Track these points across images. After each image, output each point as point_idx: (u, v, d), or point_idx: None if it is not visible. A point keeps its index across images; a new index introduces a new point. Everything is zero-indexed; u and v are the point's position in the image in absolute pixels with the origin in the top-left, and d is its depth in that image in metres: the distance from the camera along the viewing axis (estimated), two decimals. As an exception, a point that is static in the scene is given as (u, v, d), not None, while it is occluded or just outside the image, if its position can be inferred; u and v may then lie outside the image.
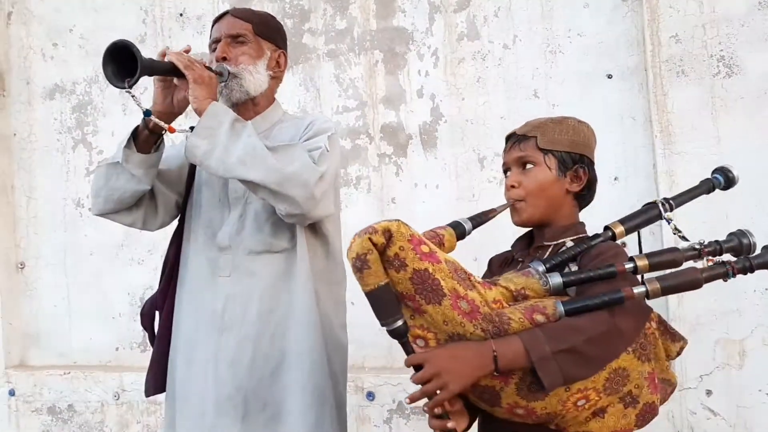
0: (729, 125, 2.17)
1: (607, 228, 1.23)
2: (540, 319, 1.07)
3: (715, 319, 2.16)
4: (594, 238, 1.22)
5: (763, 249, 1.13)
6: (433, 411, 1.10)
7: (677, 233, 1.20)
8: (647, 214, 1.25)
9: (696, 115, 2.20)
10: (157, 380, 1.62)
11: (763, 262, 1.11)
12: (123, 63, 1.32)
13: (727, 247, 1.15)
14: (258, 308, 1.49)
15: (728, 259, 1.12)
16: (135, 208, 1.58)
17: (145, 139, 1.48)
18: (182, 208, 1.65)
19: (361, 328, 1.26)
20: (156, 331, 1.65)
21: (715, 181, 1.30)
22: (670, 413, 2.20)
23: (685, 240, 1.17)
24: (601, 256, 1.16)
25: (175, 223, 1.68)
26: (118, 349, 3.05)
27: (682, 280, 1.08)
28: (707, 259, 1.13)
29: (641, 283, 1.09)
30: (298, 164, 1.38)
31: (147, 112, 1.41)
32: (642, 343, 1.12)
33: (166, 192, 1.62)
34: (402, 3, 2.66)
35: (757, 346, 2.13)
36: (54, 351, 3.15)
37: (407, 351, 1.09)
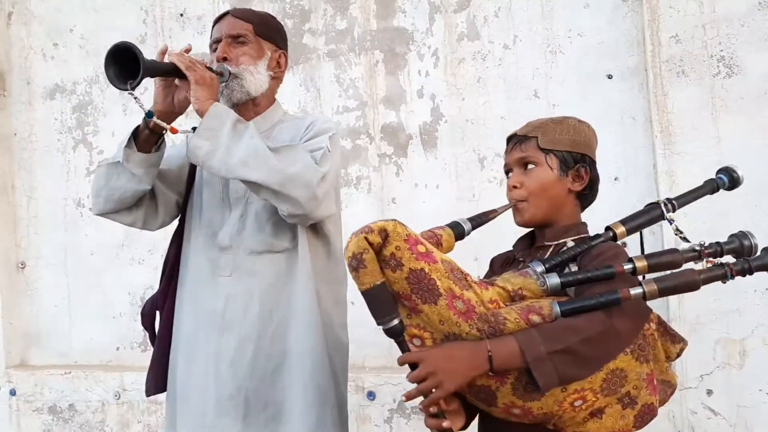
0: (729, 125, 2.16)
1: (609, 228, 1.23)
2: (536, 319, 1.07)
3: (716, 318, 2.16)
4: (595, 238, 1.22)
5: (762, 251, 1.13)
6: (429, 410, 1.10)
7: (678, 234, 1.20)
8: (649, 215, 1.25)
9: (696, 116, 2.20)
10: (158, 380, 1.62)
11: (761, 264, 1.10)
12: (125, 64, 1.32)
13: (728, 248, 1.14)
14: (259, 308, 1.49)
15: (727, 261, 1.11)
16: (135, 208, 1.58)
17: (146, 139, 1.48)
18: (183, 208, 1.65)
19: (362, 328, 1.26)
20: (156, 330, 1.65)
21: (720, 182, 1.30)
22: (671, 413, 2.20)
23: (687, 241, 1.16)
24: (601, 257, 1.16)
25: (175, 223, 1.68)
26: (118, 349, 3.05)
27: (680, 281, 1.08)
28: (707, 261, 1.12)
29: (640, 284, 1.09)
30: (300, 165, 1.38)
31: (149, 113, 1.41)
32: (640, 344, 1.11)
33: (167, 192, 1.62)
34: (402, 3, 2.66)
35: (758, 346, 2.13)
36: (55, 351, 3.15)
37: (403, 350, 1.10)
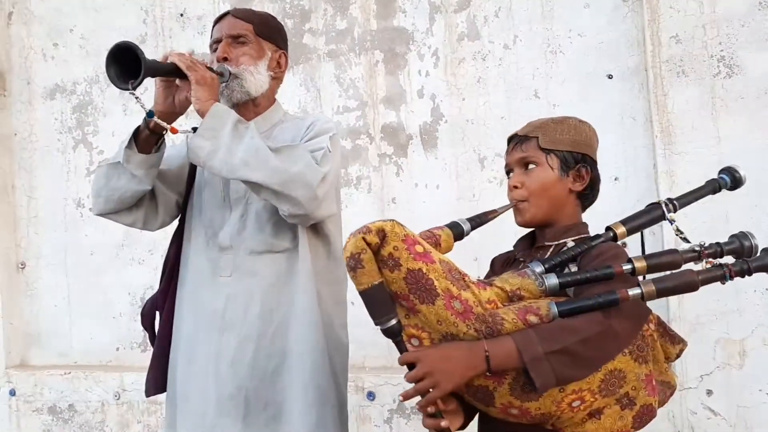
0: (729, 125, 2.16)
1: (609, 228, 1.23)
2: (533, 319, 1.07)
3: (716, 319, 2.16)
4: (595, 238, 1.22)
5: (762, 252, 1.12)
6: (427, 410, 1.10)
7: (679, 234, 1.19)
8: (650, 215, 1.24)
9: (696, 116, 2.19)
10: (158, 380, 1.62)
11: (760, 265, 1.10)
12: (126, 64, 1.33)
13: (728, 249, 1.14)
14: (259, 308, 1.49)
15: (726, 262, 1.10)
16: (135, 208, 1.58)
17: (146, 139, 1.48)
18: (183, 208, 1.65)
19: (362, 328, 1.27)
20: (156, 331, 1.65)
21: (722, 182, 1.29)
22: (671, 413, 2.20)
23: (687, 241, 1.16)
24: (600, 257, 1.16)
25: (175, 223, 1.68)
26: (118, 349, 3.05)
27: (678, 282, 1.07)
28: (706, 261, 1.11)
29: (638, 285, 1.08)
30: (301, 165, 1.38)
31: (150, 113, 1.41)
32: (639, 344, 1.11)
33: (167, 192, 1.62)
34: (402, 3, 2.66)
35: (758, 346, 2.13)
36: (54, 351, 3.16)
37: (401, 350, 1.10)
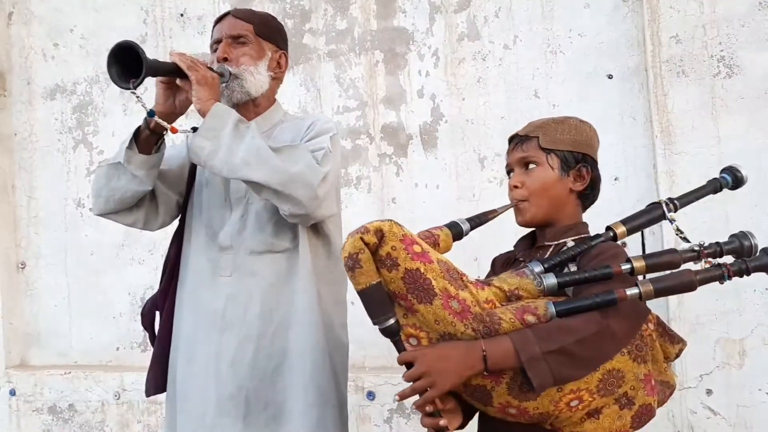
0: (729, 125, 2.16)
1: (609, 228, 1.23)
2: (531, 319, 1.07)
3: (715, 318, 2.16)
4: (595, 238, 1.21)
5: (761, 252, 1.12)
6: (425, 409, 1.10)
7: (679, 234, 1.19)
8: (650, 215, 1.24)
9: (696, 116, 2.20)
10: (158, 380, 1.62)
11: (759, 264, 1.09)
12: (127, 63, 1.33)
13: (728, 249, 1.13)
14: (259, 308, 1.49)
15: (725, 262, 1.10)
16: (136, 209, 1.58)
17: (146, 139, 1.48)
18: (183, 208, 1.65)
19: (362, 328, 1.27)
20: (156, 331, 1.65)
21: (723, 181, 1.28)
22: (671, 413, 2.20)
23: (687, 241, 1.15)
24: (600, 257, 1.16)
25: (175, 223, 1.68)
26: (118, 349, 3.05)
27: (676, 282, 1.07)
28: (705, 261, 1.11)
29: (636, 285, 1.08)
30: (302, 165, 1.38)
31: (151, 113, 1.41)
32: (638, 344, 1.11)
33: (167, 192, 1.62)
34: (402, 3, 2.66)
35: (757, 346, 2.13)
36: (54, 351, 3.16)
37: (399, 349, 1.10)
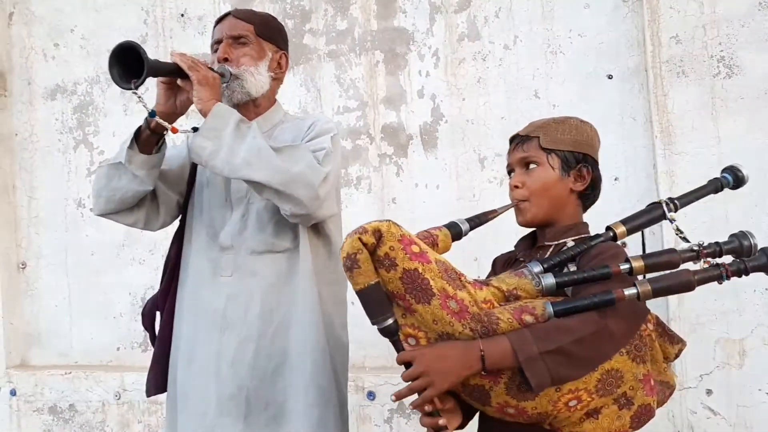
0: (729, 126, 2.17)
1: (609, 228, 1.23)
2: (529, 319, 1.07)
3: (715, 318, 2.16)
4: (595, 238, 1.21)
5: (759, 251, 1.11)
6: (423, 408, 1.10)
7: (679, 234, 1.19)
8: (650, 214, 1.24)
9: (696, 116, 2.20)
10: (158, 380, 1.63)
11: (757, 264, 1.09)
12: (128, 64, 1.33)
13: (727, 248, 1.13)
14: (260, 307, 1.50)
15: (723, 262, 1.10)
16: (136, 209, 1.58)
17: (147, 139, 1.48)
18: (183, 209, 1.65)
19: (362, 328, 1.27)
20: (157, 331, 1.65)
21: (724, 181, 1.28)
22: (670, 412, 2.20)
23: (687, 241, 1.15)
24: (599, 257, 1.16)
25: (176, 223, 1.68)
26: (119, 349, 3.06)
27: (674, 282, 1.07)
28: (704, 261, 1.11)
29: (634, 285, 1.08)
30: (303, 165, 1.38)
31: (152, 113, 1.41)
32: (637, 344, 1.11)
33: (168, 192, 1.63)
34: (403, 3, 2.66)
35: (757, 346, 2.13)
36: (55, 351, 3.16)
37: (398, 349, 1.11)
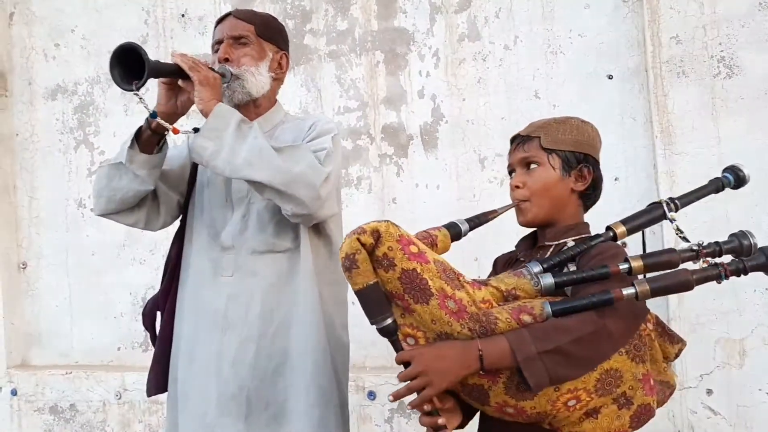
0: (729, 126, 2.17)
1: (609, 228, 1.23)
2: (527, 319, 1.07)
3: (716, 318, 2.17)
4: (595, 238, 1.21)
5: (758, 251, 1.11)
6: (422, 408, 1.11)
7: (679, 234, 1.19)
8: (651, 214, 1.23)
9: (696, 116, 2.20)
10: (159, 380, 1.63)
11: (756, 264, 1.09)
12: (129, 65, 1.33)
13: (727, 248, 1.13)
14: (260, 307, 1.50)
15: (722, 261, 1.10)
16: (137, 209, 1.58)
17: (148, 139, 1.48)
18: (184, 209, 1.65)
19: (362, 328, 1.27)
20: (157, 331, 1.65)
21: (725, 180, 1.28)
22: (671, 412, 2.20)
23: (687, 241, 1.15)
24: (599, 256, 1.16)
25: (177, 223, 1.68)
26: (119, 349, 3.06)
27: (672, 281, 1.07)
28: (704, 261, 1.11)
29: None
30: (305, 165, 1.39)
31: (153, 114, 1.41)
32: (636, 344, 1.11)
33: (169, 192, 1.63)
34: (403, 4, 2.67)
35: (758, 346, 2.13)
36: (56, 351, 3.16)
37: (397, 349, 1.11)
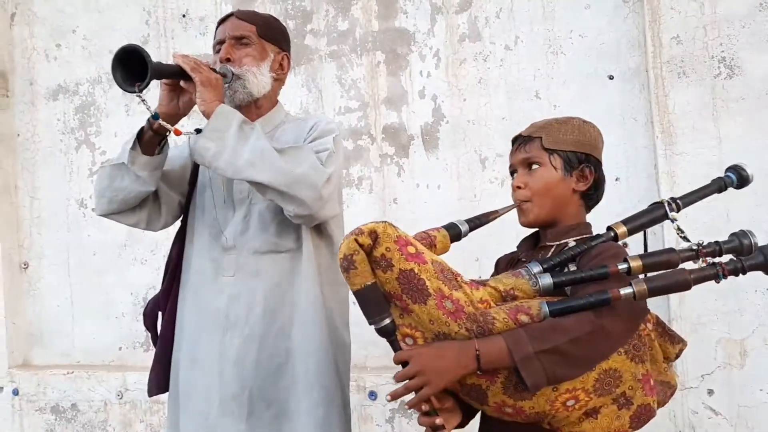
0: (730, 126, 2.17)
1: (610, 228, 1.23)
2: (524, 319, 1.08)
3: (717, 318, 2.17)
4: (596, 238, 1.22)
5: (756, 251, 1.11)
6: (420, 408, 1.11)
7: (680, 234, 1.19)
8: (652, 214, 1.23)
9: (697, 116, 2.20)
10: (160, 380, 1.63)
11: (754, 263, 1.09)
12: (131, 67, 1.33)
13: (727, 248, 1.13)
14: (262, 307, 1.50)
15: (720, 261, 1.09)
16: (138, 209, 1.58)
17: (150, 140, 1.48)
18: (185, 209, 1.66)
19: (363, 328, 1.28)
20: (159, 331, 1.66)
21: (728, 180, 1.27)
22: (672, 412, 2.20)
23: (688, 241, 1.15)
24: (599, 256, 1.16)
25: (178, 223, 1.69)
26: (121, 349, 3.06)
27: (670, 281, 1.07)
28: (703, 261, 1.11)
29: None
30: (307, 166, 1.39)
31: (155, 115, 1.41)
32: (635, 344, 1.11)
33: (170, 193, 1.63)
34: (404, 4, 2.67)
35: (758, 346, 2.13)
36: (57, 350, 3.17)
37: (395, 349, 1.11)
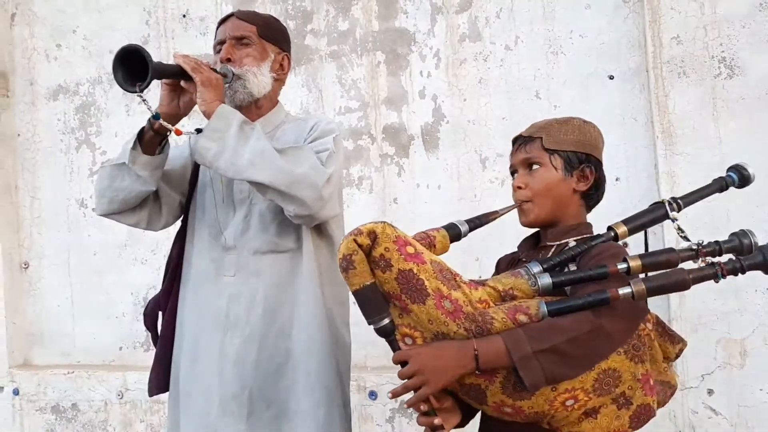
0: (730, 126, 2.17)
1: (610, 228, 1.23)
2: (523, 319, 1.08)
3: (717, 318, 2.17)
4: (596, 238, 1.21)
5: (756, 250, 1.11)
6: (419, 407, 1.11)
7: (680, 233, 1.19)
8: (653, 214, 1.23)
9: (697, 116, 2.20)
10: (160, 380, 1.63)
11: (753, 263, 1.09)
12: (132, 67, 1.34)
13: (727, 247, 1.12)
14: (263, 307, 1.50)
15: (719, 260, 1.09)
16: (139, 209, 1.58)
17: (150, 140, 1.49)
18: (186, 209, 1.66)
19: (363, 328, 1.28)
20: (159, 331, 1.66)
21: (729, 179, 1.27)
22: (672, 412, 2.20)
23: (688, 241, 1.15)
24: (599, 256, 1.16)
25: (178, 223, 1.69)
26: (121, 349, 3.07)
27: (669, 280, 1.07)
28: (703, 260, 1.10)
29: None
30: (307, 166, 1.39)
31: (156, 115, 1.41)
32: (635, 344, 1.11)
33: (170, 192, 1.63)
34: (404, 4, 2.67)
35: (759, 346, 2.13)
36: (57, 350, 3.17)
37: (394, 349, 1.12)
